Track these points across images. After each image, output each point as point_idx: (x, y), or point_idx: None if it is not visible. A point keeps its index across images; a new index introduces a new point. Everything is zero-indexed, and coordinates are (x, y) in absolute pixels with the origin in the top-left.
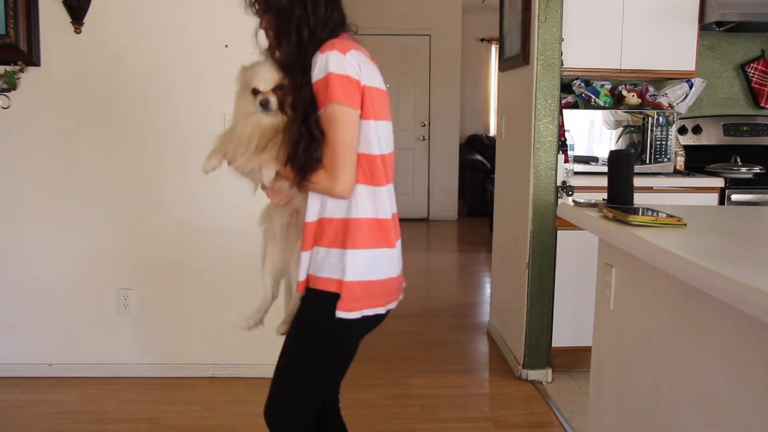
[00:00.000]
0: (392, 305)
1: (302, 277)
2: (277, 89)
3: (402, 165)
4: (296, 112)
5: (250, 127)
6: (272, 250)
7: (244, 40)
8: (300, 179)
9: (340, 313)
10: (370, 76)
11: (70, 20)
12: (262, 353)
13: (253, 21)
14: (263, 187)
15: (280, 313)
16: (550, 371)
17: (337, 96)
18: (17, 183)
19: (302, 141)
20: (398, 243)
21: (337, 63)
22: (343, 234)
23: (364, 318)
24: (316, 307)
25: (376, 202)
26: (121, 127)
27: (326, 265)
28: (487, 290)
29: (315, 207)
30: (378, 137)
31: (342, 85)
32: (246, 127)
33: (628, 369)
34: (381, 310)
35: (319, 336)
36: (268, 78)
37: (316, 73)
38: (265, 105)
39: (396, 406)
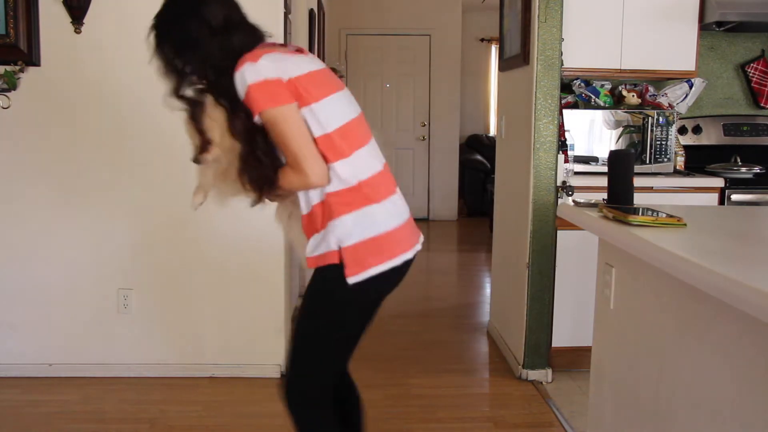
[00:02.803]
0: (408, 254)
1: (312, 264)
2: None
3: (402, 165)
4: (239, 142)
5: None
6: (294, 239)
7: None
8: (264, 196)
9: (351, 279)
10: (295, 66)
11: (70, 20)
12: (262, 353)
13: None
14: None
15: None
16: (550, 371)
17: (263, 103)
18: (17, 183)
19: (249, 169)
20: (393, 194)
21: (252, 73)
22: (328, 211)
23: (380, 275)
24: (327, 281)
25: (347, 172)
26: (121, 127)
27: (323, 243)
28: (487, 290)
29: (303, 200)
30: (325, 116)
31: (263, 91)
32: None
33: (628, 369)
34: (396, 262)
35: (338, 305)
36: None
37: (241, 92)
38: (196, 161)
39: (396, 406)
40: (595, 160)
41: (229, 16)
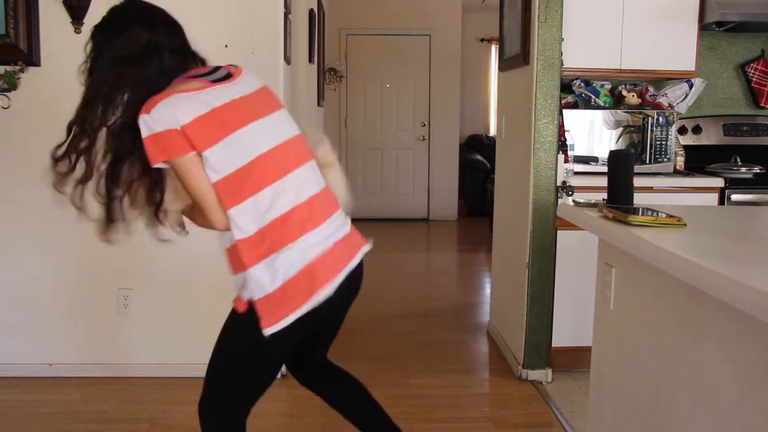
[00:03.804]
0: (330, 288)
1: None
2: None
3: (402, 165)
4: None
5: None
6: None
7: (245, 40)
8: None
9: (267, 330)
10: (189, 111)
11: (70, 20)
12: None
13: (252, 21)
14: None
15: None
16: (550, 371)
17: (154, 156)
18: (17, 183)
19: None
20: (312, 229)
21: (143, 125)
22: (239, 257)
23: (299, 319)
24: (245, 324)
25: (250, 216)
26: None
27: (242, 288)
28: (487, 290)
29: (222, 237)
30: (218, 161)
31: (154, 144)
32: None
33: (628, 369)
34: (314, 302)
35: (255, 350)
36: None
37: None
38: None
39: (396, 406)
40: (595, 160)
41: (154, 42)
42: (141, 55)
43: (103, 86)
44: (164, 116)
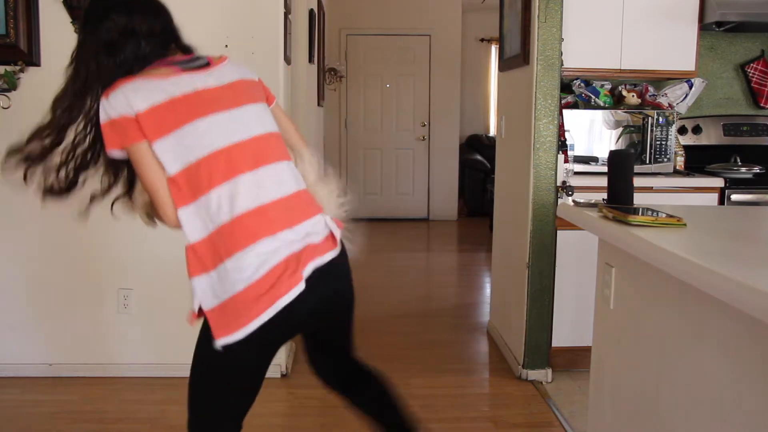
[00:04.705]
0: (264, 317)
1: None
2: None
3: (402, 165)
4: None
5: None
6: None
7: (244, 40)
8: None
9: (219, 341)
10: (148, 97)
11: (70, 20)
12: None
13: (252, 21)
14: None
15: None
16: (550, 371)
17: (108, 143)
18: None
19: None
20: (264, 237)
21: (102, 109)
22: (189, 263)
23: (253, 333)
24: (202, 338)
25: (200, 219)
26: None
27: (193, 294)
28: (487, 290)
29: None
30: (178, 150)
31: (108, 130)
32: None
33: (628, 369)
34: (266, 317)
35: (217, 358)
36: None
37: None
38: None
39: None
40: (595, 160)
41: (131, 28)
42: (118, 42)
43: (85, 76)
44: (120, 102)
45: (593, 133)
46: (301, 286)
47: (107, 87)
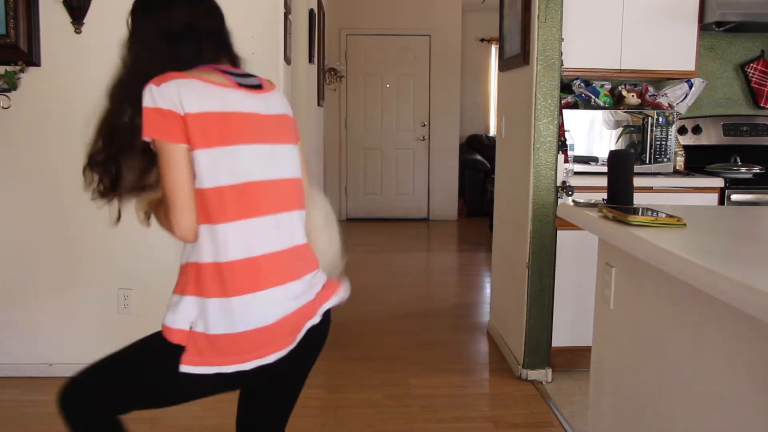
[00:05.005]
0: (246, 365)
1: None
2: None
3: (402, 165)
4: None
5: None
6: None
7: (244, 40)
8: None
9: (184, 368)
10: (202, 101)
11: (70, 20)
12: None
13: (252, 21)
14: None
15: None
16: (550, 371)
17: (147, 130)
18: (17, 183)
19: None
20: (265, 288)
21: (148, 95)
22: (186, 280)
23: (216, 375)
24: (164, 350)
25: (214, 244)
26: None
27: (172, 312)
28: (487, 290)
29: (182, 252)
30: (210, 167)
31: (152, 118)
32: None
33: (628, 369)
34: (226, 369)
35: (159, 372)
36: None
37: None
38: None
39: (396, 406)
40: (595, 160)
41: (193, 24)
42: (178, 35)
43: (139, 62)
44: (172, 95)
45: (593, 133)
46: (292, 346)
47: (157, 75)
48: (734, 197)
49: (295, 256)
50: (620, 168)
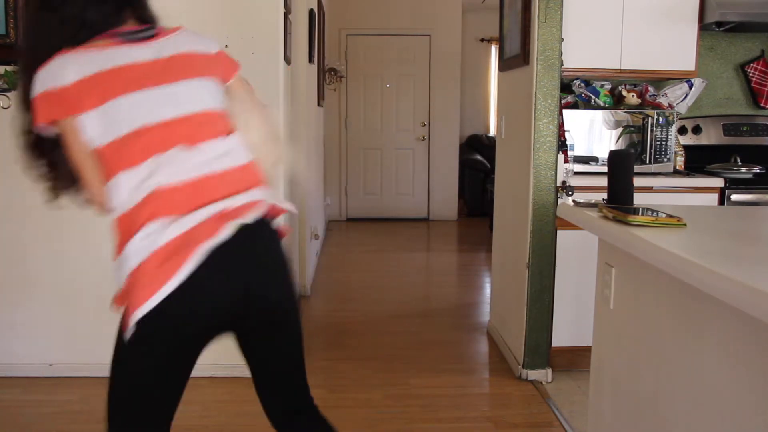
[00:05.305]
0: (170, 284)
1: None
2: None
3: (402, 165)
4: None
5: None
6: None
7: (245, 40)
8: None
9: (132, 319)
10: (82, 69)
11: None
12: None
13: (252, 21)
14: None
15: None
16: (550, 371)
17: (36, 117)
18: (17, 182)
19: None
20: (166, 216)
21: (35, 83)
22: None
23: (149, 315)
24: (118, 334)
25: (128, 189)
26: None
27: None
28: (487, 290)
29: None
30: (100, 126)
31: (37, 105)
32: None
33: (628, 369)
34: (156, 299)
35: (124, 349)
36: None
37: None
38: None
39: (396, 406)
40: (595, 160)
41: None
42: (58, 2)
43: (30, 35)
44: (52, 75)
45: (593, 133)
46: (194, 260)
47: (51, 56)
48: (734, 197)
49: (214, 181)
50: (620, 168)
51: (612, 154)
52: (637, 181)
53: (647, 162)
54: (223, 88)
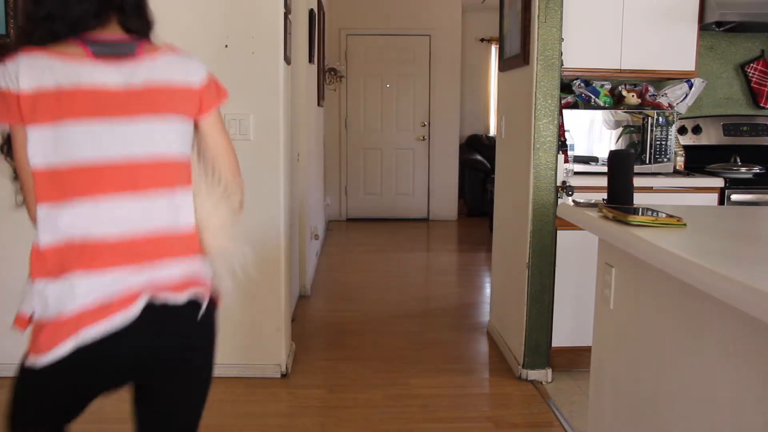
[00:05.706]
0: (54, 353)
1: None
2: None
3: (402, 165)
4: None
5: None
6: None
7: (245, 40)
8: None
9: (27, 360)
10: (42, 77)
11: None
12: (262, 353)
13: (252, 21)
14: None
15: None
16: (550, 371)
17: None
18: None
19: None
20: (91, 271)
21: None
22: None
23: (44, 369)
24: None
25: (38, 224)
26: None
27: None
28: (487, 290)
29: None
30: (41, 146)
31: None
32: None
33: (628, 369)
34: (42, 359)
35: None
36: None
37: None
38: None
39: (396, 406)
40: (595, 160)
41: None
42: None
43: (21, 30)
44: (10, 72)
45: (593, 133)
46: (115, 324)
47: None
48: (734, 197)
49: (148, 240)
50: (620, 168)
51: (612, 154)
52: (637, 181)
53: (647, 162)
54: (192, 126)
